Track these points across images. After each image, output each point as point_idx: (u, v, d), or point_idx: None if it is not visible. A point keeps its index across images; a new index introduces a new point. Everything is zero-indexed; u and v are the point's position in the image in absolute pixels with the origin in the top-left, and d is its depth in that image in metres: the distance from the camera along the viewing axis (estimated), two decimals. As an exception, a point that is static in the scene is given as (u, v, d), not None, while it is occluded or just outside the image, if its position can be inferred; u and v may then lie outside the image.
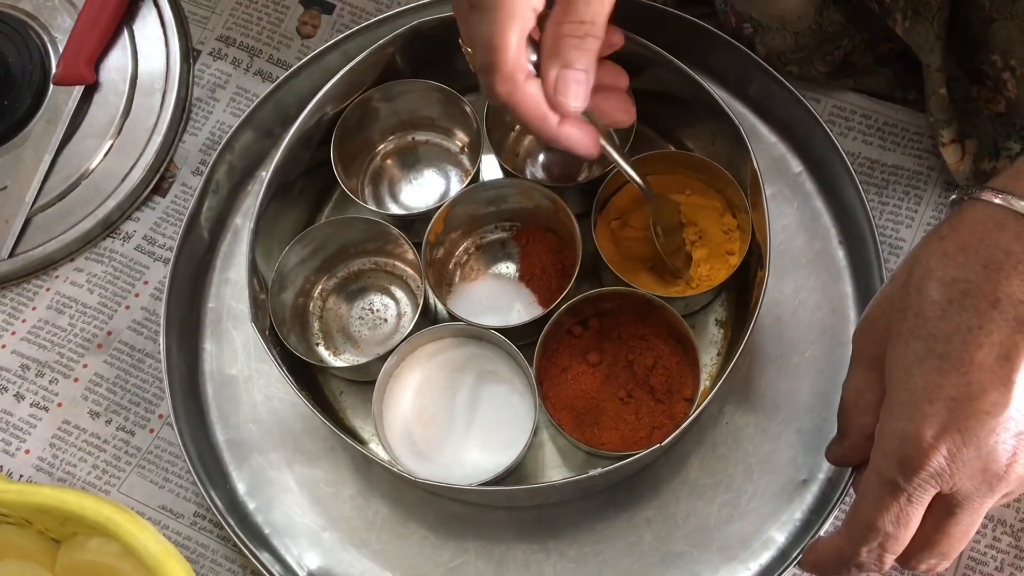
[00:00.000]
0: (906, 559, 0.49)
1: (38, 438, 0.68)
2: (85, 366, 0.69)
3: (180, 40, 0.76)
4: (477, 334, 0.63)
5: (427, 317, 0.65)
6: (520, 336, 0.63)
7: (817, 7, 0.66)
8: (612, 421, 0.62)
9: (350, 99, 0.66)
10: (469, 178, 0.66)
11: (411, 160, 0.70)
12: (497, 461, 0.61)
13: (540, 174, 0.69)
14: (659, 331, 0.63)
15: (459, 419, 0.63)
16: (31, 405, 0.68)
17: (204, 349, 0.68)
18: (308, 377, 0.66)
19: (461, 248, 0.68)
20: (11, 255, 0.71)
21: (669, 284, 0.65)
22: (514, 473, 0.63)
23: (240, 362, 0.68)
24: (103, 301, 0.71)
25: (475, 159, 0.66)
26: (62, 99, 0.74)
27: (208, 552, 0.65)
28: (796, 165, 0.69)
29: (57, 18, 0.77)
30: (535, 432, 0.61)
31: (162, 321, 0.66)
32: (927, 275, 0.46)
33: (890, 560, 0.48)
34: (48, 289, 0.71)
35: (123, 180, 0.73)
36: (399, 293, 0.68)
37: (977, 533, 0.62)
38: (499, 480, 0.61)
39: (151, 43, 0.76)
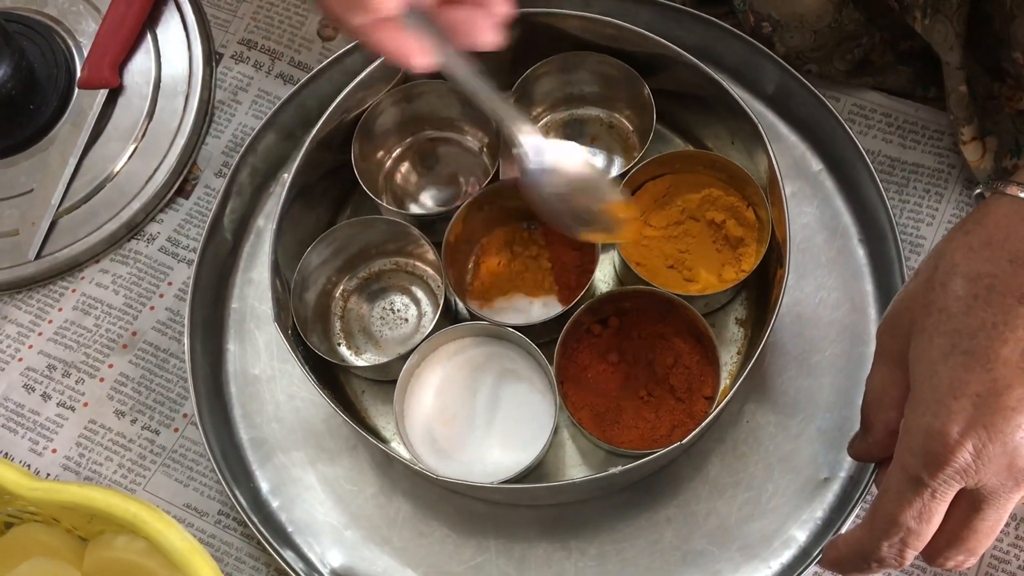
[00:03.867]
0: (933, 556, 0.49)
1: (65, 437, 0.68)
2: (111, 366, 0.70)
3: (203, 44, 0.77)
4: (497, 333, 0.64)
5: (448, 316, 0.66)
6: (540, 334, 0.63)
7: (836, 5, 0.66)
8: (632, 420, 0.62)
9: (370, 101, 0.67)
10: (489, 178, 0.66)
11: (431, 161, 0.71)
12: (518, 459, 0.61)
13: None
14: (679, 330, 0.63)
15: (480, 418, 0.63)
16: (58, 405, 0.69)
17: (228, 349, 0.69)
18: (330, 376, 0.67)
19: (480, 247, 0.68)
20: (37, 257, 0.72)
21: (689, 283, 0.65)
22: (535, 471, 0.63)
23: (263, 362, 0.69)
24: (128, 302, 0.72)
25: (495, 159, 0.67)
26: (87, 103, 0.75)
27: (232, 550, 0.65)
28: (816, 164, 0.69)
29: (82, 23, 0.78)
30: (555, 431, 0.62)
31: (186, 322, 0.66)
32: (952, 270, 0.46)
33: (911, 556, 0.48)
34: (74, 290, 0.72)
35: (147, 182, 0.73)
36: (419, 293, 0.68)
37: (1000, 532, 0.62)
38: (520, 478, 0.61)
39: (174, 47, 0.77)
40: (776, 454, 0.63)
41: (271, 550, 0.63)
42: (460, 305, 0.66)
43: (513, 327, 0.62)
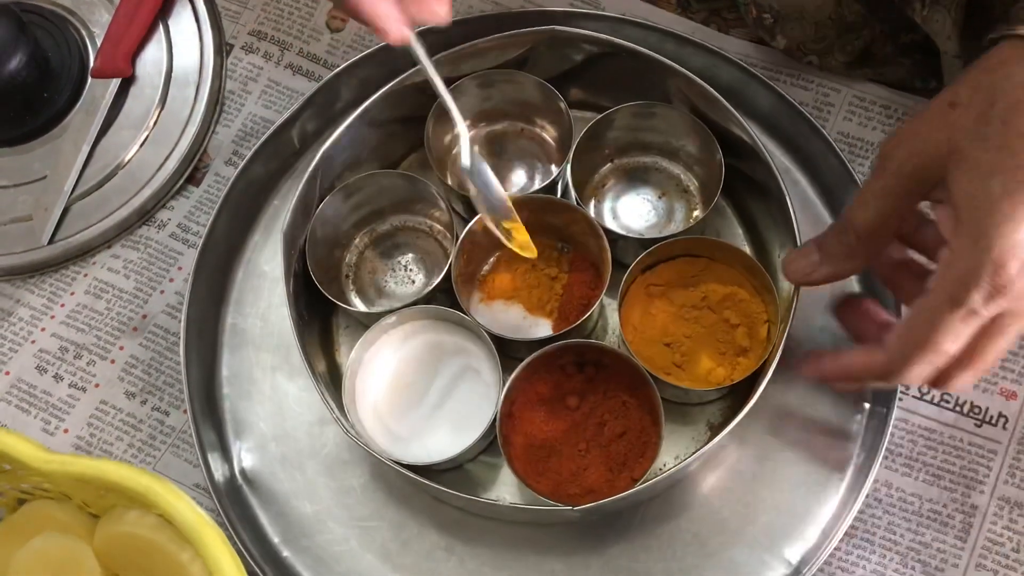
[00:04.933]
0: (947, 379, 0.50)
1: (76, 418, 0.70)
2: (121, 348, 0.71)
3: (214, 35, 0.78)
4: (471, 326, 0.64)
5: (447, 295, 0.66)
6: (517, 350, 0.64)
7: (837, -3, 0.67)
8: (556, 466, 0.61)
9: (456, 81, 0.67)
10: (550, 179, 0.67)
11: (499, 148, 0.72)
12: (442, 450, 0.62)
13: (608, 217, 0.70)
14: (641, 406, 0.62)
15: (430, 397, 0.65)
16: (69, 386, 0.71)
17: (251, 239, 0.72)
18: (322, 306, 0.68)
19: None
20: (51, 242, 0.73)
21: (677, 367, 0.63)
22: (470, 463, 0.65)
23: (277, 260, 0.69)
24: (138, 286, 0.73)
25: (564, 157, 0.67)
26: (100, 92, 0.76)
27: (240, 529, 0.67)
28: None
29: (95, 13, 0.79)
30: (489, 437, 0.62)
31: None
32: (1015, 106, 0.45)
33: (934, 375, 0.50)
34: (86, 275, 0.74)
35: (158, 170, 0.75)
36: (430, 262, 0.70)
37: (994, 515, 0.63)
38: (440, 467, 0.63)
39: (186, 38, 0.78)
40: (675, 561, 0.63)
41: (191, 421, 0.65)
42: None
43: (491, 332, 0.63)
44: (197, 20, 0.79)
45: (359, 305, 0.69)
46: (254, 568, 0.63)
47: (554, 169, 0.70)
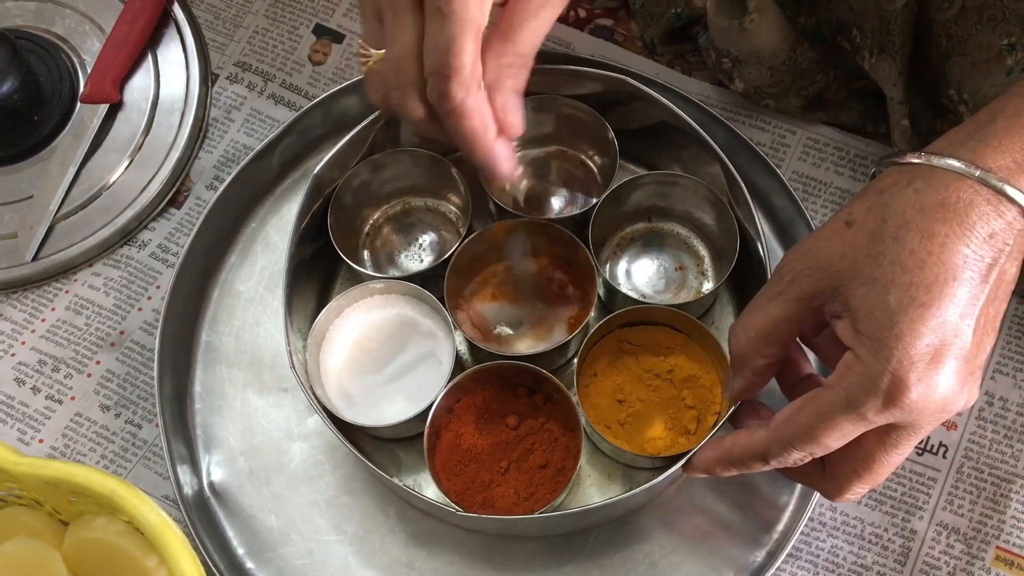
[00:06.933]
0: (841, 490, 0.53)
1: (52, 428, 0.72)
2: (98, 363, 0.73)
3: (200, 65, 0.81)
4: (445, 317, 0.66)
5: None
6: (486, 355, 0.66)
7: (791, 44, 0.71)
8: (472, 472, 0.63)
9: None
10: (583, 209, 0.68)
11: (544, 171, 0.73)
12: (401, 413, 0.64)
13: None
14: (568, 448, 0.63)
15: (388, 370, 0.67)
16: (46, 398, 0.73)
17: (228, 260, 0.75)
18: (319, 268, 0.71)
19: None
20: (34, 259, 0.76)
21: (619, 424, 0.64)
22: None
23: (252, 283, 0.73)
24: (118, 303, 0.75)
25: (603, 188, 0.68)
26: (88, 116, 0.79)
27: (207, 541, 0.68)
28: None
29: (87, 42, 0.82)
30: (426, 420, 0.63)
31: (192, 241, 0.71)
32: (905, 225, 0.48)
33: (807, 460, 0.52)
34: (67, 291, 0.76)
35: (141, 192, 0.77)
36: (444, 247, 0.72)
37: (932, 540, 0.65)
38: (373, 431, 0.66)
39: (173, 67, 0.81)
40: None
41: (163, 434, 0.67)
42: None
43: (466, 334, 0.65)
44: (184, 50, 0.82)
45: (367, 267, 0.71)
46: (219, 579, 0.65)
47: (593, 200, 0.70)
